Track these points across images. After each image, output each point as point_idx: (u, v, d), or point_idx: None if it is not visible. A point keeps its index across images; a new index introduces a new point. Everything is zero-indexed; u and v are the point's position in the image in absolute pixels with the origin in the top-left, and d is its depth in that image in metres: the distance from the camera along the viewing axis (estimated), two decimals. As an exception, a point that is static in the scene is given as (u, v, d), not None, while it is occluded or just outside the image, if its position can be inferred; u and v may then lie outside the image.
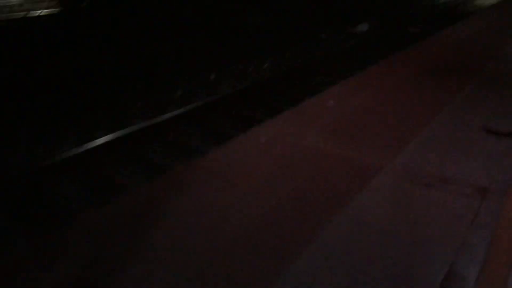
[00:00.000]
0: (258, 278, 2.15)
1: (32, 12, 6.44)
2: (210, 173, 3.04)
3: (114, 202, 2.85)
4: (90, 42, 6.52)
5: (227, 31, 8.44)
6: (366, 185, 2.88)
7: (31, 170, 4.31)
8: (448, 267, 2.14)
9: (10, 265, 2.22)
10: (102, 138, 4.84)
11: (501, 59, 6.17)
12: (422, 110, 4.18)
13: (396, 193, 2.80)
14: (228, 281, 2.11)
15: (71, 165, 4.45)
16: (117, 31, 6.89)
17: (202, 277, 2.14)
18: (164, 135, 5.10)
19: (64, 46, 6.26)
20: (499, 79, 5.16)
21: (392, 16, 12.47)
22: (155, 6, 7.41)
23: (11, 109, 5.44)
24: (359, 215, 2.57)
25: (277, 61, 7.95)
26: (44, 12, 6.52)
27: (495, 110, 4.19)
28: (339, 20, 10.62)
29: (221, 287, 2.06)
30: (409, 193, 2.80)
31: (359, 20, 10.90)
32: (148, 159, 4.71)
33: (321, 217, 2.54)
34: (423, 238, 2.37)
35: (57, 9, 6.77)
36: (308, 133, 3.68)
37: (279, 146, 3.44)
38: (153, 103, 5.99)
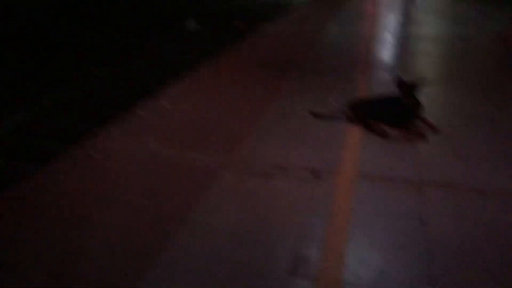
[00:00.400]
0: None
1: None
2: (36, 206, 2.64)
3: None
4: None
5: (47, 41, 7.64)
6: (211, 185, 2.85)
7: None
8: (293, 253, 2.22)
9: None
10: None
11: (318, 48, 6.79)
12: (254, 103, 4.34)
13: (239, 189, 2.82)
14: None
15: None
16: None
17: None
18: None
19: None
20: (317, 68, 5.66)
21: (219, 12, 12.81)
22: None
23: None
24: (208, 218, 2.52)
25: (105, 67, 7.50)
26: None
27: (317, 95, 4.57)
28: (166, 19, 10.48)
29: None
30: (252, 187, 2.85)
31: (186, 17, 10.91)
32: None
33: (171, 227, 2.42)
34: (268, 230, 2.42)
35: None
36: (145, 140, 3.50)
37: (115, 159, 3.20)
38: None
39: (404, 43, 7.52)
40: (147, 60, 7.85)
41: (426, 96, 4.33)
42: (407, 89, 3.64)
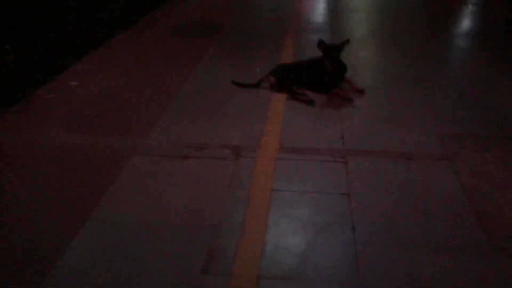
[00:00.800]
0: None
1: None
2: None
3: None
4: None
5: None
6: (119, 174, 2.54)
7: None
8: (207, 245, 1.99)
9: None
10: None
11: (244, 12, 6.44)
12: (173, 75, 3.99)
13: (150, 176, 2.53)
14: None
15: None
16: None
17: None
18: None
19: None
20: (238, 35, 5.32)
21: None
22: None
23: None
24: (114, 212, 2.22)
25: (18, 42, 6.73)
26: None
27: (242, 63, 4.28)
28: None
29: None
30: (166, 171, 2.57)
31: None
32: None
33: (72, 226, 2.11)
34: (181, 220, 2.17)
35: None
36: (46, 125, 3.09)
37: (7, 151, 2.78)
38: None
39: (332, 2, 7.32)
40: (59, 34, 7.13)
41: (352, 57, 4.19)
42: (330, 52, 3.44)
